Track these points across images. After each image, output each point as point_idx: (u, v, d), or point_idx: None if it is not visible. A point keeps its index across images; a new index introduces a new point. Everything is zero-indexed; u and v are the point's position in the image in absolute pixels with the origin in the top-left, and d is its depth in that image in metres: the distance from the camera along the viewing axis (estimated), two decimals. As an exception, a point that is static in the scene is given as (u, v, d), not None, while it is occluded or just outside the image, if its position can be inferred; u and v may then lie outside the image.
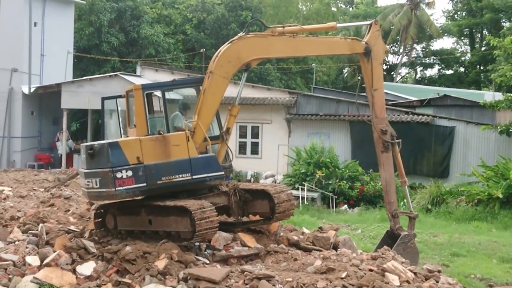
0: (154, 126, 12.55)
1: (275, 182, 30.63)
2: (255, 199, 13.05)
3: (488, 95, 37.83)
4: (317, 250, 12.87)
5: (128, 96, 13.10)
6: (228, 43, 12.74)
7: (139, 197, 12.30)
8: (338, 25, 15.11)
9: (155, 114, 13.06)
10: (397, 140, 13.80)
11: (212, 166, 12.45)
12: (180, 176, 12.08)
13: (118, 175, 11.61)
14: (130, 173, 11.70)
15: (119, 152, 11.73)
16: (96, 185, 11.83)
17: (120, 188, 11.63)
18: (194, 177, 12.18)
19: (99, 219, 13.11)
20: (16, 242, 12.49)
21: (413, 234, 13.88)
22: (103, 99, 13.71)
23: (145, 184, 11.82)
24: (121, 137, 13.40)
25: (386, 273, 10.37)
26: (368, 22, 14.21)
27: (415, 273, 11.32)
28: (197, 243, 11.98)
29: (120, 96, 13.60)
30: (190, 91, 13.73)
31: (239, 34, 12.97)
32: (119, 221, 12.81)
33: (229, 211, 13.00)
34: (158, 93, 12.76)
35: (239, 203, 12.96)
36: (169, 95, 14.37)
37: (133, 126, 12.77)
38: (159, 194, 12.10)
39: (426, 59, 67.80)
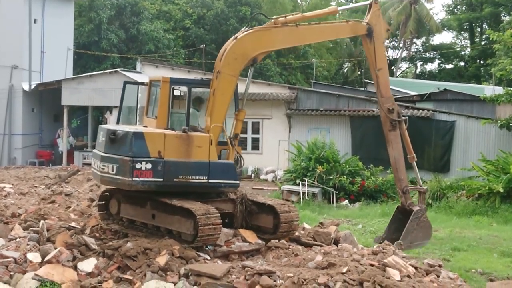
0: (173, 121, 12.55)
1: (276, 178, 30.68)
2: (260, 212, 12.99)
3: (488, 89, 37.79)
4: (318, 245, 12.89)
5: (151, 85, 13.08)
6: (233, 40, 12.63)
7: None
8: (339, 8, 15.21)
9: (174, 109, 13.00)
10: (403, 117, 14.05)
11: (229, 173, 12.49)
12: (197, 177, 12.04)
13: (137, 165, 11.51)
14: (149, 165, 11.60)
15: (142, 143, 11.63)
16: (112, 171, 11.71)
17: (137, 179, 11.53)
18: (210, 181, 12.18)
19: (103, 202, 13.14)
20: (17, 239, 12.50)
21: (424, 208, 14.18)
22: (126, 83, 13.61)
23: (162, 180, 11.74)
24: (136, 124, 13.40)
25: (387, 268, 10.38)
26: (368, 2, 14.20)
27: (415, 268, 11.35)
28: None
29: (142, 83, 13.61)
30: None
31: (242, 30, 12.87)
32: (122, 208, 12.82)
33: (232, 219, 12.95)
34: (184, 88, 12.73)
35: (244, 213, 12.94)
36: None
37: (154, 116, 12.67)
38: (172, 191, 12.07)
39: (426, 53, 67.80)
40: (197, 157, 12.04)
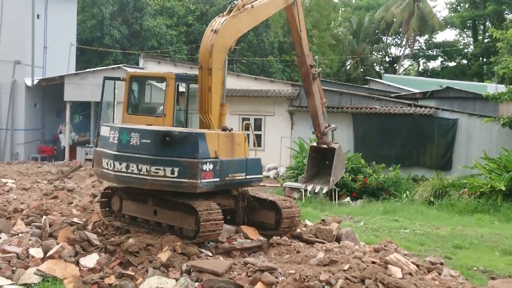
0: (176, 117, 12.66)
1: (278, 175, 30.65)
2: (262, 208, 13.06)
3: (491, 87, 37.75)
4: (320, 242, 12.90)
5: (130, 81, 13.08)
6: (212, 33, 12.63)
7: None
8: None
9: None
10: (317, 70, 15.33)
11: (258, 168, 12.73)
12: (239, 175, 12.20)
13: (204, 167, 11.43)
14: (211, 166, 11.54)
15: (205, 144, 11.56)
16: (173, 174, 11.35)
17: (204, 180, 11.41)
18: (247, 177, 12.36)
19: (105, 199, 13.14)
20: (20, 234, 12.52)
21: (340, 144, 15.43)
22: (105, 78, 13.53)
23: (218, 179, 11.72)
24: (113, 122, 13.37)
25: (389, 265, 10.38)
26: None
27: (417, 265, 11.36)
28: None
29: (118, 79, 13.55)
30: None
31: (216, 20, 12.95)
32: (124, 205, 12.83)
33: (234, 215, 12.99)
34: (183, 85, 12.80)
35: (246, 209, 12.98)
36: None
37: (162, 114, 12.70)
38: (221, 190, 12.20)
39: (429, 51, 67.72)
40: (238, 155, 12.23)
